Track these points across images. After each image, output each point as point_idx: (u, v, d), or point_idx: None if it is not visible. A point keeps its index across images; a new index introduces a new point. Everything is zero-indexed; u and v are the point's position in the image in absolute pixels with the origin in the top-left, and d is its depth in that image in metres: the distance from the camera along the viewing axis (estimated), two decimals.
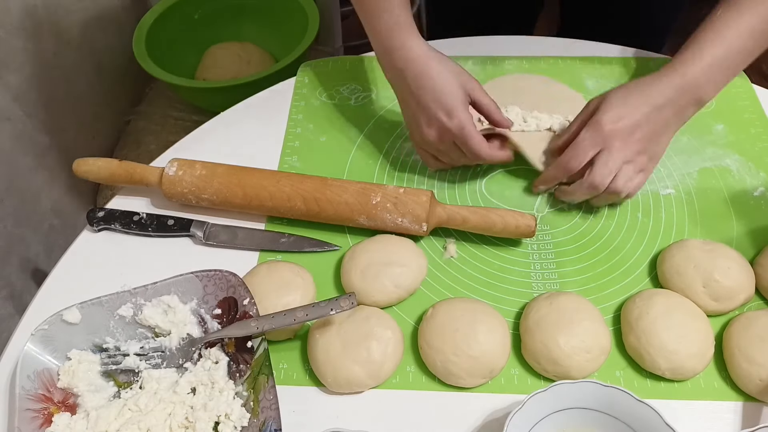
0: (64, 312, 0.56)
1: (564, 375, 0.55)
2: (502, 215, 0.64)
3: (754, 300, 0.62)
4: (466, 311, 0.57)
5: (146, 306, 0.58)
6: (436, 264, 0.65)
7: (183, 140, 0.79)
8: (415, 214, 0.64)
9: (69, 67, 1.22)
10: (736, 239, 0.66)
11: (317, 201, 0.65)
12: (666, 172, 0.73)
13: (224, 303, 0.58)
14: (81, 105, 1.27)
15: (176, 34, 1.33)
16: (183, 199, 0.68)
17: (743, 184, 0.71)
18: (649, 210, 0.70)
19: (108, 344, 0.57)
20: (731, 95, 0.81)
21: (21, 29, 1.08)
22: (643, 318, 0.56)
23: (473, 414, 0.55)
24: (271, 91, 0.85)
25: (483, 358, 0.55)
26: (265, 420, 0.51)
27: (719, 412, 0.55)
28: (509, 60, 0.86)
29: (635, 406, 0.49)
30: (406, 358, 0.58)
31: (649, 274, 0.64)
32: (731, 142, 0.76)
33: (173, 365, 0.57)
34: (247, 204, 0.67)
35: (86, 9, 1.27)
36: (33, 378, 0.53)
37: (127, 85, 1.42)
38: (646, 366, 0.56)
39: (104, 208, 0.69)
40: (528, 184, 0.72)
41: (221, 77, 1.31)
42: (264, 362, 0.54)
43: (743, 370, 0.55)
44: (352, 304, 0.54)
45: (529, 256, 0.66)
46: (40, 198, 1.16)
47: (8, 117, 1.06)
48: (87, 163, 0.70)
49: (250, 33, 1.42)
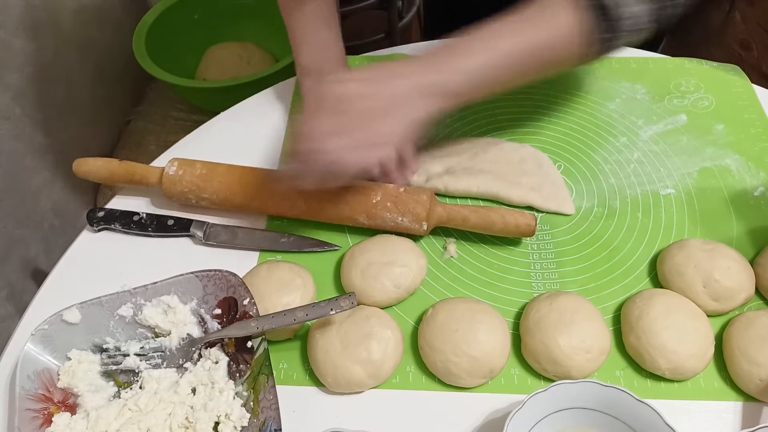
0: (64, 312, 0.56)
1: (564, 375, 0.55)
2: (502, 214, 0.64)
3: (754, 300, 0.62)
4: (466, 311, 0.57)
5: (146, 306, 0.58)
6: (436, 264, 0.65)
7: (183, 140, 0.79)
8: (416, 213, 0.64)
9: (69, 67, 1.22)
10: (736, 239, 0.66)
11: (317, 200, 0.65)
12: (666, 172, 0.73)
13: (224, 303, 0.58)
14: (81, 105, 1.27)
15: (176, 34, 1.33)
16: (183, 199, 0.68)
17: (743, 184, 0.71)
18: (649, 210, 0.70)
19: (108, 344, 0.57)
20: (731, 95, 0.81)
21: (21, 29, 1.08)
22: (643, 318, 0.56)
23: (473, 414, 0.55)
24: (271, 91, 0.85)
25: (483, 358, 0.55)
26: (265, 420, 0.51)
27: (719, 412, 0.55)
28: None
29: (635, 406, 0.49)
30: (406, 358, 0.58)
31: (649, 274, 0.64)
32: (731, 142, 0.76)
33: (173, 365, 0.57)
34: (247, 203, 0.67)
35: (86, 9, 1.27)
36: (33, 378, 0.53)
37: (127, 85, 1.42)
38: (646, 366, 0.56)
39: (104, 208, 0.69)
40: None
41: (221, 77, 1.31)
42: (264, 362, 0.54)
43: (743, 370, 0.55)
44: (352, 304, 0.54)
45: (529, 256, 0.66)
46: (40, 198, 1.16)
47: (8, 117, 1.06)
48: (87, 163, 0.70)
49: (250, 33, 1.42)
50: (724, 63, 0.86)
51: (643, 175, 0.73)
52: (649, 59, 0.87)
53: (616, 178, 0.73)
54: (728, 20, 2.23)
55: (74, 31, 1.23)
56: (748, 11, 2.26)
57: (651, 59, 0.87)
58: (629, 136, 0.77)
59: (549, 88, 0.83)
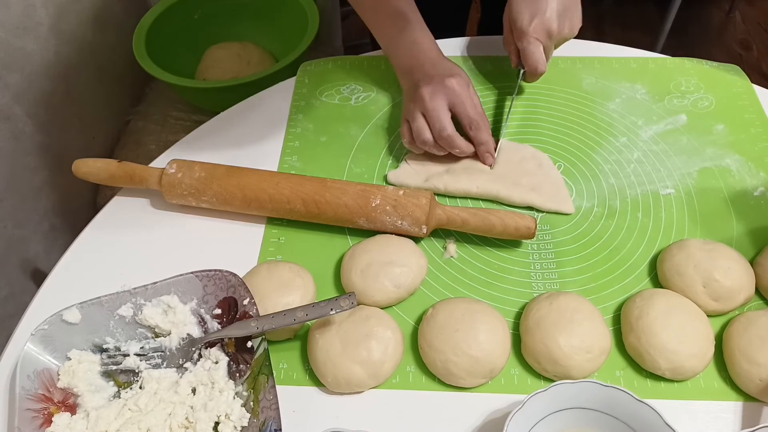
0: (64, 312, 0.56)
1: (564, 375, 0.55)
2: (501, 217, 0.64)
3: (754, 300, 0.62)
4: (466, 311, 0.57)
5: (146, 306, 0.58)
6: (436, 264, 0.65)
7: (183, 140, 0.79)
8: (415, 217, 0.64)
9: (69, 67, 1.22)
10: (736, 239, 0.66)
11: (317, 203, 0.65)
12: (666, 172, 0.73)
13: (224, 303, 0.58)
14: (81, 105, 1.27)
15: (176, 34, 1.33)
16: (183, 202, 0.68)
17: (743, 184, 0.71)
18: (649, 210, 0.70)
19: (108, 344, 0.57)
20: (731, 95, 0.81)
21: (21, 29, 1.08)
22: (643, 318, 0.56)
23: (473, 414, 0.55)
24: (271, 91, 0.85)
25: (483, 358, 0.55)
26: (265, 420, 0.51)
27: (719, 412, 0.55)
28: (509, 60, 0.86)
29: (635, 406, 0.49)
30: (406, 358, 0.58)
31: (649, 274, 0.64)
32: (731, 142, 0.76)
33: (173, 365, 0.57)
34: (246, 206, 0.67)
35: (86, 9, 1.27)
36: (33, 378, 0.53)
37: (127, 85, 1.42)
38: (646, 366, 0.56)
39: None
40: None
41: (221, 77, 1.31)
42: (264, 362, 0.54)
43: (743, 370, 0.55)
44: (352, 304, 0.54)
45: (529, 256, 0.66)
46: (40, 198, 1.16)
47: (8, 117, 1.06)
48: (86, 165, 0.70)
49: (250, 33, 1.42)
50: (724, 63, 0.86)
51: (643, 175, 0.73)
52: (649, 59, 0.87)
53: (616, 178, 0.73)
54: (728, 20, 2.23)
55: (74, 31, 1.23)
56: (748, 11, 2.26)
57: (651, 59, 0.87)
58: (629, 136, 0.77)
59: (549, 88, 0.83)
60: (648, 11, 2.21)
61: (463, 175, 0.71)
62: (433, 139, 0.70)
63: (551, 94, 0.82)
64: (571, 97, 0.82)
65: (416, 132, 0.70)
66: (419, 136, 0.70)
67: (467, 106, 0.70)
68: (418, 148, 0.72)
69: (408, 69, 0.75)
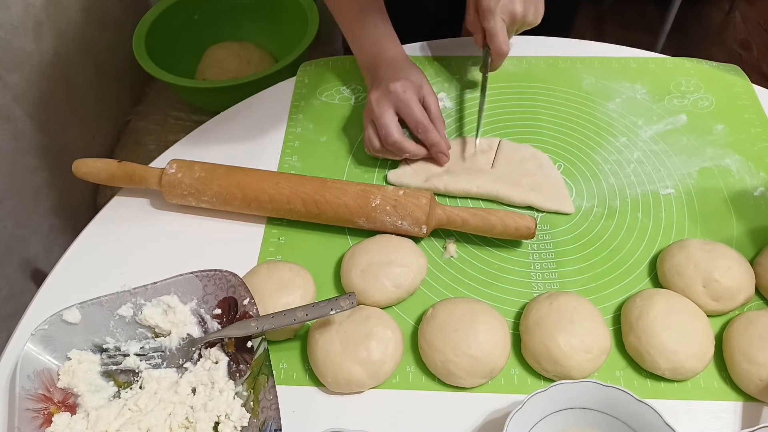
0: (64, 312, 0.56)
1: (564, 375, 0.55)
2: (501, 217, 0.64)
3: (754, 300, 0.62)
4: (466, 311, 0.57)
5: (146, 306, 0.58)
6: (436, 264, 0.65)
7: (183, 140, 0.79)
8: (415, 217, 0.64)
9: (69, 67, 1.22)
10: (736, 239, 0.66)
11: (317, 203, 0.65)
12: (666, 172, 0.73)
13: (224, 303, 0.58)
14: (81, 105, 1.27)
15: (176, 34, 1.33)
16: (183, 202, 0.68)
17: (743, 184, 0.71)
18: (649, 210, 0.70)
19: (108, 344, 0.57)
20: (731, 95, 0.81)
21: (21, 29, 1.08)
22: (643, 318, 0.56)
23: (473, 414, 0.55)
24: (271, 91, 0.85)
25: (483, 358, 0.55)
26: (265, 420, 0.51)
27: (719, 412, 0.55)
28: (509, 60, 0.86)
29: (635, 406, 0.49)
30: (406, 358, 0.58)
31: (649, 274, 0.64)
32: (731, 142, 0.76)
33: (173, 365, 0.57)
34: (246, 206, 0.67)
35: (86, 9, 1.27)
36: (33, 378, 0.53)
37: (127, 85, 1.42)
38: (646, 366, 0.56)
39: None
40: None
41: (221, 77, 1.31)
42: (264, 362, 0.54)
43: (743, 370, 0.55)
44: (352, 304, 0.54)
45: (529, 256, 0.66)
46: (40, 198, 1.16)
47: (8, 117, 1.06)
48: (86, 165, 0.70)
49: (250, 33, 1.42)
50: (724, 63, 0.86)
51: (643, 175, 0.73)
52: (649, 59, 0.87)
53: (616, 178, 0.73)
54: (728, 20, 2.23)
55: (74, 31, 1.23)
56: (748, 11, 2.26)
57: (651, 59, 0.87)
58: (629, 136, 0.77)
59: (549, 88, 0.83)
60: (648, 11, 2.21)
61: (463, 175, 0.71)
62: (381, 145, 0.70)
63: (551, 94, 0.82)
64: (571, 97, 0.82)
65: (367, 140, 0.72)
66: (370, 145, 0.71)
67: (413, 110, 0.69)
68: (377, 155, 0.72)
69: (367, 70, 0.77)
